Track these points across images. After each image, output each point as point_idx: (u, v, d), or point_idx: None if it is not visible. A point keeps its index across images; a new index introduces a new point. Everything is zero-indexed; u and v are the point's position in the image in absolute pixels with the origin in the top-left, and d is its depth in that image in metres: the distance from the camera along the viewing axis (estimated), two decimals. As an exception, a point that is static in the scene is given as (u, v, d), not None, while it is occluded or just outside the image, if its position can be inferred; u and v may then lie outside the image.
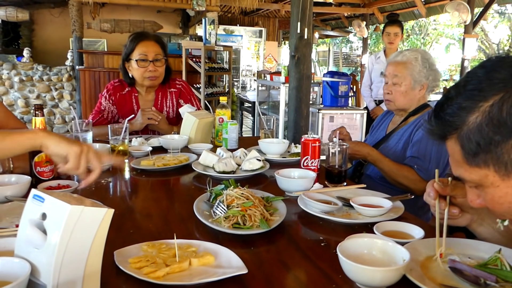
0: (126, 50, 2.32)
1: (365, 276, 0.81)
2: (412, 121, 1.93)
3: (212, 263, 0.90)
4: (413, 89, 1.90)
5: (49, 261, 0.74)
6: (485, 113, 0.76)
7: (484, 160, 0.79)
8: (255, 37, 12.20)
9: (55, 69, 6.79)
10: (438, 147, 1.75)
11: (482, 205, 0.88)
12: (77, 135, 1.94)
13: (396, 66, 1.92)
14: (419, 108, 1.94)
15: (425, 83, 1.90)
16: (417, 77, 1.88)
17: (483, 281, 0.84)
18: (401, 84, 1.90)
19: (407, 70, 1.89)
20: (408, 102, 1.93)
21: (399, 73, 1.90)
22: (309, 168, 1.49)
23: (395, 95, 1.93)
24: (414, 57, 1.89)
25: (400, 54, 1.95)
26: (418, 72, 1.88)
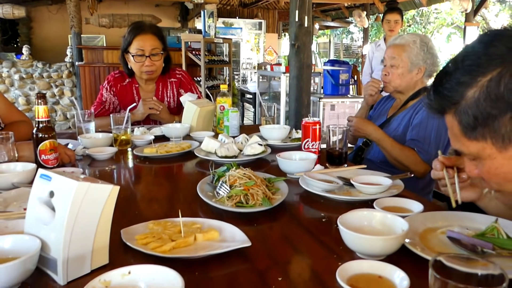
0: (125, 42, 2.33)
1: (365, 245, 0.84)
2: (411, 105, 1.94)
3: (216, 238, 0.93)
4: (410, 71, 1.91)
5: (58, 237, 0.77)
6: (483, 87, 0.78)
7: (482, 133, 0.81)
8: (255, 30, 12.18)
9: (54, 66, 6.81)
10: (438, 130, 1.77)
11: (479, 176, 0.90)
12: (79, 126, 1.97)
13: (394, 48, 1.94)
14: (418, 92, 1.95)
15: (423, 66, 1.91)
16: (414, 60, 1.89)
17: (480, 249, 0.86)
18: (398, 66, 1.91)
19: (404, 52, 1.90)
20: (404, 84, 1.94)
21: (397, 55, 1.91)
22: (310, 150, 1.51)
23: (392, 76, 1.94)
24: (413, 40, 1.90)
25: (399, 37, 1.97)
26: (416, 54, 1.89)
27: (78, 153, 1.73)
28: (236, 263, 0.85)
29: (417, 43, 1.90)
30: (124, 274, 0.68)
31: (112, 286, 0.67)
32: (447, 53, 17.29)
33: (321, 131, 1.57)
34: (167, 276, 0.67)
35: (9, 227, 0.90)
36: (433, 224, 1.00)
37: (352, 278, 0.75)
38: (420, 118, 1.82)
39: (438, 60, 1.97)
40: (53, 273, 0.78)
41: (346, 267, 0.76)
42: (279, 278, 0.79)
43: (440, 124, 1.78)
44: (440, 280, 0.58)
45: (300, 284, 0.78)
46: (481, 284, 0.60)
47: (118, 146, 1.86)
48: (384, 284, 0.74)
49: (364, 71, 4.60)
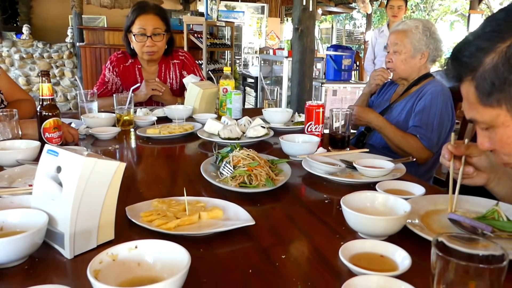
0: (127, 22, 2.31)
1: (368, 225, 0.85)
2: (414, 91, 1.93)
3: (220, 217, 0.94)
4: (413, 57, 1.90)
5: (65, 212, 0.78)
6: (501, 53, 0.79)
7: (498, 99, 0.82)
8: (257, 14, 12.05)
9: (55, 46, 6.76)
10: (440, 116, 1.77)
11: (491, 148, 0.92)
12: (82, 105, 1.96)
13: (397, 34, 1.92)
14: (421, 78, 1.94)
15: (426, 51, 1.90)
16: (417, 45, 1.88)
17: (480, 231, 0.87)
18: (401, 52, 1.90)
19: (407, 38, 1.88)
20: (409, 70, 1.93)
21: (399, 41, 1.90)
22: (313, 133, 1.52)
23: (396, 63, 1.93)
24: (415, 25, 1.89)
25: (402, 23, 1.95)
26: (418, 40, 1.88)
27: (81, 133, 1.74)
28: (240, 241, 0.87)
29: (419, 28, 1.89)
30: (131, 248, 0.69)
31: (119, 259, 0.68)
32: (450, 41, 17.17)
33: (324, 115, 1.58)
34: (174, 251, 0.68)
35: (15, 202, 0.91)
36: (434, 206, 1.01)
37: (355, 256, 0.77)
38: (423, 105, 1.82)
39: (442, 45, 1.96)
40: (60, 247, 0.80)
41: (349, 246, 0.78)
42: (283, 256, 0.81)
43: (443, 111, 1.78)
44: (442, 258, 0.59)
45: (303, 262, 0.80)
46: (482, 263, 0.61)
47: (121, 127, 1.86)
48: (386, 263, 0.76)
49: (366, 57, 4.57)
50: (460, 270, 0.59)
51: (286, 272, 0.75)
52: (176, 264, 0.66)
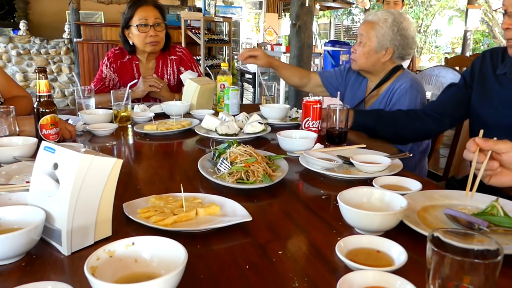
0: (125, 17, 2.32)
1: (364, 221, 0.85)
2: (385, 89, 1.88)
3: (217, 213, 0.94)
4: (376, 52, 1.82)
5: (62, 208, 0.78)
6: None
7: None
8: (255, 9, 12.03)
9: (52, 42, 6.73)
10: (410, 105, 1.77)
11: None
12: (79, 102, 1.96)
13: (365, 25, 1.84)
14: (390, 73, 1.88)
15: (390, 48, 1.82)
16: (382, 40, 1.80)
17: (477, 226, 0.88)
18: (364, 44, 1.83)
19: (373, 30, 1.81)
20: (370, 64, 1.86)
21: (365, 33, 1.83)
22: (310, 129, 1.52)
23: (358, 54, 1.86)
24: (384, 18, 1.80)
25: (373, 13, 1.87)
26: (383, 34, 1.80)
27: (79, 129, 1.73)
28: (237, 237, 0.87)
29: (388, 22, 1.80)
30: (128, 244, 0.69)
31: (116, 256, 0.68)
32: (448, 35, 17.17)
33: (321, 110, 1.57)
34: (170, 247, 0.68)
35: (12, 199, 0.91)
36: (431, 202, 1.01)
37: (351, 252, 0.77)
38: (397, 98, 1.79)
39: (411, 42, 1.85)
40: (57, 243, 0.80)
41: (346, 242, 0.78)
42: (280, 252, 0.81)
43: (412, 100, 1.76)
44: (438, 253, 0.60)
45: (300, 258, 0.80)
46: (477, 258, 0.62)
47: (118, 123, 1.86)
48: (382, 258, 0.76)
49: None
50: (455, 265, 0.59)
51: (283, 267, 0.76)
52: (173, 260, 0.66)
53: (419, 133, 1.69)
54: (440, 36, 17.41)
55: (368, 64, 1.87)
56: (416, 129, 1.65)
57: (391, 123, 1.64)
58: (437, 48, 17.18)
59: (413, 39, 1.86)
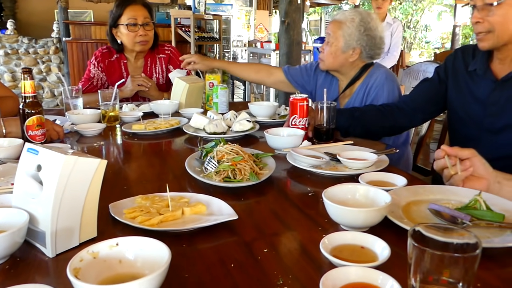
0: (114, 16, 2.30)
1: (349, 217, 0.86)
2: (358, 87, 1.86)
3: (204, 212, 0.94)
4: (343, 51, 1.81)
5: (46, 210, 0.78)
6: None
7: None
8: (246, 6, 12.00)
9: (41, 42, 6.67)
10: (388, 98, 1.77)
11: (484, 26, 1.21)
12: (67, 102, 1.95)
13: (332, 24, 1.83)
14: (361, 71, 1.86)
15: (357, 48, 1.80)
16: (348, 40, 1.78)
17: (460, 220, 0.89)
18: (331, 44, 1.81)
19: (340, 30, 1.79)
20: (338, 64, 1.85)
21: (332, 32, 1.81)
22: (297, 126, 1.52)
23: (325, 54, 1.84)
24: (351, 18, 1.79)
25: (341, 12, 1.86)
26: (350, 34, 1.78)
27: (66, 129, 1.72)
28: (223, 235, 0.87)
29: (355, 21, 1.78)
30: (112, 245, 0.69)
31: (100, 257, 0.68)
32: (438, 31, 17.26)
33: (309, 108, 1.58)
34: (154, 247, 0.68)
35: (-3, 201, 0.90)
36: (416, 197, 1.02)
37: (336, 248, 0.78)
38: (373, 96, 1.79)
39: (379, 42, 1.83)
40: (41, 246, 0.79)
41: (330, 238, 0.79)
42: (265, 250, 0.81)
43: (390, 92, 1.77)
44: (418, 248, 0.61)
45: (285, 255, 0.80)
46: (458, 252, 0.63)
47: (107, 123, 1.85)
48: (366, 254, 0.77)
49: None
50: (435, 259, 0.60)
51: (268, 265, 0.76)
52: (157, 260, 0.67)
53: (390, 129, 1.69)
54: (430, 31, 17.50)
55: (335, 64, 1.85)
56: (387, 125, 1.66)
57: (362, 122, 1.63)
58: (427, 43, 17.27)
59: (381, 39, 1.83)
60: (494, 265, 0.77)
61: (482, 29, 1.29)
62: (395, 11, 16.19)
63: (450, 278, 0.61)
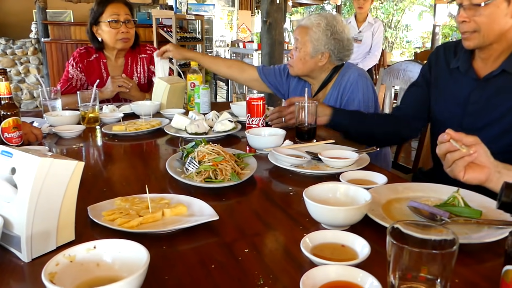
0: (95, 13, 2.28)
1: (329, 216, 0.86)
2: (331, 88, 1.86)
3: (184, 213, 0.93)
4: (312, 57, 1.81)
5: (21, 214, 0.76)
6: None
7: None
8: (228, 6, 11.96)
9: (19, 42, 6.53)
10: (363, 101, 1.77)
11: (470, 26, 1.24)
12: (45, 103, 1.91)
13: (300, 30, 1.83)
14: (332, 73, 1.87)
15: (326, 52, 1.80)
16: (316, 45, 1.79)
17: (439, 217, 0.90)
18: (300, 50, 1.81)
19: (307, 35, 1.79)
20: (308, 69, 1.85)
21: (300, 38, 1.81)
22: (250, 125, 1.56)
23: (294, 60, 1.84)
24: (317, 23, 1.79)
25: (307, 18, 1.85)
26: (317, 39, 1.78)
27: (44, 132, 1.69)
28: (204, 237, 0.86)
29: (321, 26, 1.78)
30: (89, 248, 0.68)
31: (77, 260, 0.66)
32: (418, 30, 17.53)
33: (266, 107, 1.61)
34: (133, 249, 0.67)
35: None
36: (396, 195, 1.03)
37: (317, 247, 0.78)
38: (349, 94, 1.79)
39: (347, 44, 1.83)
40: (17, 250, 0.77)
41: (311, 237, 0.79)
42: (246, 250, 0.81)
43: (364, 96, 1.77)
44: (396, 246, 0.61)
45: (266, 255, 0.80)
46: (436, 248, 0.63)
47: (86, 124, 1.82)
48: (346, 252, 0.77)
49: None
50: (414, 256, 0.61)
51: (248, 266, 0.76)
52: (135, 262, 0.65)
53: (392, 135, 1.65)
54: (411, 31, 17.76)
55: (305, 69, 1.85)
56: (390, 131, 1.62)
57: (366, 123, 1.61)
58: (408, 42, 17.52)
59: (348, 41, 1.84)
60: (471, 261, 0.79)
61: (468, 29, 1.29)
62: (377, 11, 16.39)
63: (428, 275, 0.61)
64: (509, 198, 0.68)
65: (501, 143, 1.30)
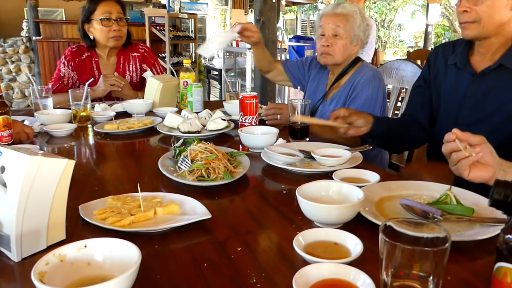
0: (86, 12, 2.26)
1: (322, 214, 0.86)
2: (346, 81, 1.86)
3: (177, 212, 0.93)
4: (351, 43, 1.82)
5: (10, 213, 0.75)
6: None
7: None
8: (221, 5, 11.94)
9: (9, 41, 6.47)
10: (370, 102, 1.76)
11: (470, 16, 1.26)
12: (36, 102, 1.89)
13: (339, 17, 1.80)
14: (350, 65, 1.87)
15: (361, 39, 1.83)
16: (357, 32, 1.80)
17: (431, 215, 0.90)
18: (342, 37, 1.79)
19: (348, 23, 1.79)
20: (346, 57, 1.85)
21: (342, 24, 1.79)
22: (244, 124, 1.56)
23: (336, 48, 1.80)
24: (354, 10, 1.80)
25: (339, 6, 1.84)
26: (358, 26, 1.79)
27: (36, 130, 1.67)
28: (196, 235, 0.86)
29: (357, 13, 1.80)
30: (80, 247, 0.67)
31: (68, 259, 0.66)
32: (411, 30, 17.62)
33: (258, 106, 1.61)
34: (124, 248, 0.67)
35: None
36: (388, 193, 1.04)
37: (309, 245, 0.77)
38: (355, 95, 1.78)
39: (368, 32, 1.87)
40: (6, 250, 0.77)
41: (304, 235, 0.78)
42: (239, 248, 0.81)
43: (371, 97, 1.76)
44: (389, 243, 0.61)
45: (259, 253, 0.80)
46: (428, 246, 0.63)
47: (78, 123, 1.80)
48: (339, 250, 0.77)
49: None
50: (406, 254, 0.61)
51: (241, 264, 0.75)
52: (127, 261, 0.65)
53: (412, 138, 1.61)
54: (404, 30, 17.83)
55: (345, 56, 1.83)
56: (415, 136, 1.58)
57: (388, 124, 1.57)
58: (401, 42, 17.59)
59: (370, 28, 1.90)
60: (463, 258, 0.79)
61: (468, 19, 1.29)
62: (370, 10, 16.42)
63: (420, 272, 0.61)
64: (500, 195, 0.68)
65: (495, 138, 1.30)
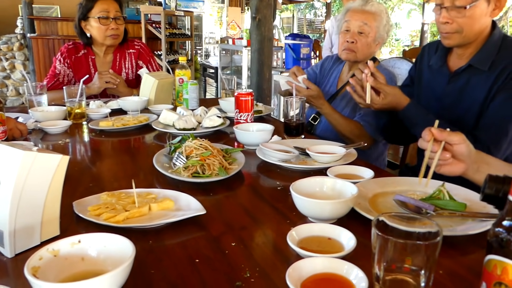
0: (83, 9, 2.24)
1: (316, 209, 0.86)
2: None
3: (171, 207, 0.93)
4: (374, 42, 1.81)
5: (4, 209, 0.74)
6: None
7: None
8: (218, 3, 11.93)
9: (4, 38, 6.43)
10: None
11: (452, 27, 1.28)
12: (30, 99, 1.88)
13: (365, 14, 1.79)
14: None
15: (383, 39, 1.83)
16: (381, 31, 1.80)
17: (424, 211, 0.91)
18: (368, 35, 1.78)
19: (375, 22, 1.78)
20: (367, 55, 1.83)
21: (369, 23, 1.78)
22: (239, 121, 1.55)
23: (360, 45, 1.79)
24: (382, 10, 1.81)
25: (368, 3, 1.82)
26: (384, 26, 1.80)
27: (30, 127, 1.66)
28: (190, 231, 0.86)
29: (384, 12, 1.81)
30: (74, 243, 0.67)
31: (61, 255, 0.66)
32: (407, 29, 17.66)
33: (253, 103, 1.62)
34: (118, 243, 0.67)
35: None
36: (382, 189, 1.04)
37: (303, 240, 0.78)
38: None
39: None
40: None
41: (298, 231, 0.79)
42: (233, 244, 0.81)
43: None
44: (381, 237, 0.61)
45: (253, 249, 0.80)
46: (420, 240, 0.64)
47: (73, 120, 1.80)
48: (333, 244, 0.77)
49: (324, 45, 4.62)
50: (398, 248, 0.61)
51: (235, 259, 0.76)
52: (121, 256, 0.65)
53: None
54: (400, 29, 17.88)
55: (366, 54, 1.82)
56: None
57: None
58: (397, 41, 17.63)
59: None
60: (456, 252, 0.80)
61: (450, 30, 1.31)
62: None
63: (412, 266, 0.62)
64: (492, 190, 0.68)
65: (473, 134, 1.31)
